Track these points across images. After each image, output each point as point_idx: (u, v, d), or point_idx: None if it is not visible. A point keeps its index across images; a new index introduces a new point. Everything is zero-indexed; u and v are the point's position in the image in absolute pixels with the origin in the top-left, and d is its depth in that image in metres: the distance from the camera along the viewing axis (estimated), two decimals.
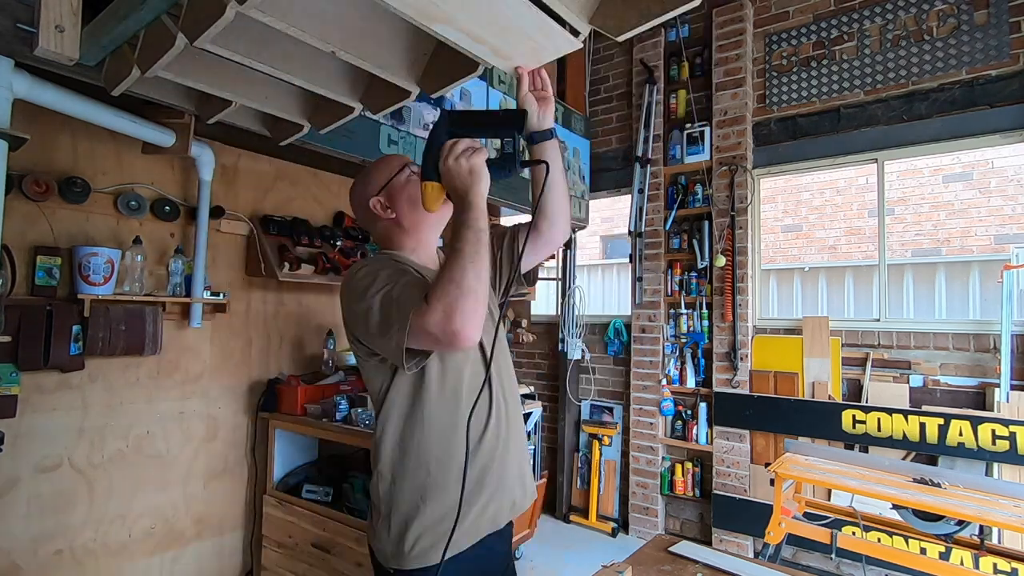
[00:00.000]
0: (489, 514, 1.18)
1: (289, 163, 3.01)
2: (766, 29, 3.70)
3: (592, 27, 1.12)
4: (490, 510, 1.18)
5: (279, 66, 1.30)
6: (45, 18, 1.30)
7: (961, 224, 5.93)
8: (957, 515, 1.93)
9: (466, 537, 1.14)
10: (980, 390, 2.95)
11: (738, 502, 3.48)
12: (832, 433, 3.18)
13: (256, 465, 2.85)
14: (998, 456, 2.75)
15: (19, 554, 2.09)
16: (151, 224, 2.49)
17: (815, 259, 6.61)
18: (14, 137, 1.63)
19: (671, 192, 3.95)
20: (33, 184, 2.09)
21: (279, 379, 2.86)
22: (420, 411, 1.15)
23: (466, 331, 0.96)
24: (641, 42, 4.12)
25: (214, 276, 2.67)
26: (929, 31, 3.16)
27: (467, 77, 1.29)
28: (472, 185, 1.05)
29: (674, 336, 3.90)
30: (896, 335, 3.22)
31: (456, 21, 1.07)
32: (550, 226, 1.29)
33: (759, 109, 3.71)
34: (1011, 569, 2.13)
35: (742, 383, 3.55)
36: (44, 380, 2.16)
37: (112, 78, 1.51)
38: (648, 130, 4.00)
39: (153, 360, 2.48)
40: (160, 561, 2.50)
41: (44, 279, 2.11)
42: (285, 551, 2.65)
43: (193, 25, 1.12)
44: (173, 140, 2.23)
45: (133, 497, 2.41)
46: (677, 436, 3.83)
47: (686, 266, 3.89)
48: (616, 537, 3.87)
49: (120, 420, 2.38)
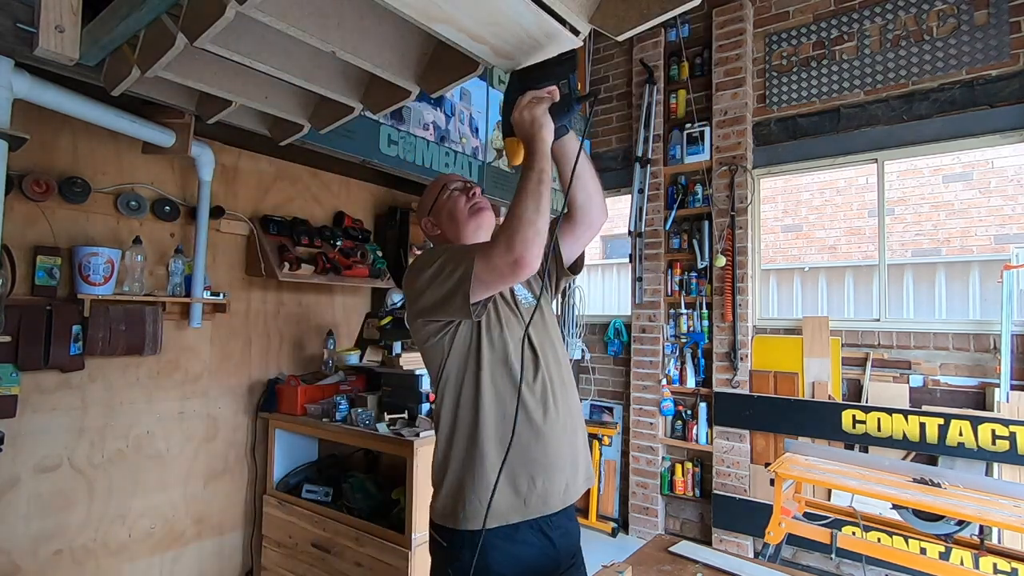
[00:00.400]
0: (538, 491, 1.21)
1: (289, 163, 3.01)
2: (766, 29, 3.70)
3: (592, 27, 1.12)
4: (538, 487, 1.21)
5: (279, 66, 1.30)
6: (45, 18, 1.30)
7: (961, 224, 5.92)
8: (957, 515, 1.93)
9: (515, 512, 1.20)
10: (980, 390, 2.95)
11: (738, 502, 3.48)
12: (832, 433, 3.18)
13: (256, 465, 2.85)
14: (998, 456, 2.75)
15: (19, 554, 2.09)
16: (151, 224, 2.49)
17: (815, 259, 6.60)
18: (14, 137, 1.63)
19: (671, 192, 3.95)
20: (33, 184, 2.09)
21: (279, 379, 2.86)
22: (470, 384, 1.24)
23: (526, 257, 1.04)
24: (641, 42, 4.12)
25: (214, 276, 2.67)
26: (929, 31, 3.16)
27: (467, 77, 1.29)
28: (536, 132, 1.12)
29: (674, 336, 3.90)
30: (896, 335, 3.21)
31: (457, 21, 1.07)
32: (585, 212, 1.34)
33: (759, 109, 3.71)
34: (1011, 569, 2.13)
35: (742, 383, 3.55)
36: (44, 380, 2.16)
37: (112, 78, 1.51)
38: (648, 130, 4.00)
39: (153, 360, 2.48)
40: (160, 561, 2.50)
41: (44, 279, 2.11)
42: (285, 551, 2.65)
43: (193, 25, 1.12)
44: (173, 140, 2.23)
45: (133, 497, 2.41)
46: (677, 436, 3.82)
47: (686, 266, 3.89)
48: (616, 537, 3.87)
49: (120, 420, 2.38)
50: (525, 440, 1.22)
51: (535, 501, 1.22)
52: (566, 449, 1.27)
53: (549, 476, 1.23)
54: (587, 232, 1.39)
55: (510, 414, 1.19)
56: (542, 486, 1.22)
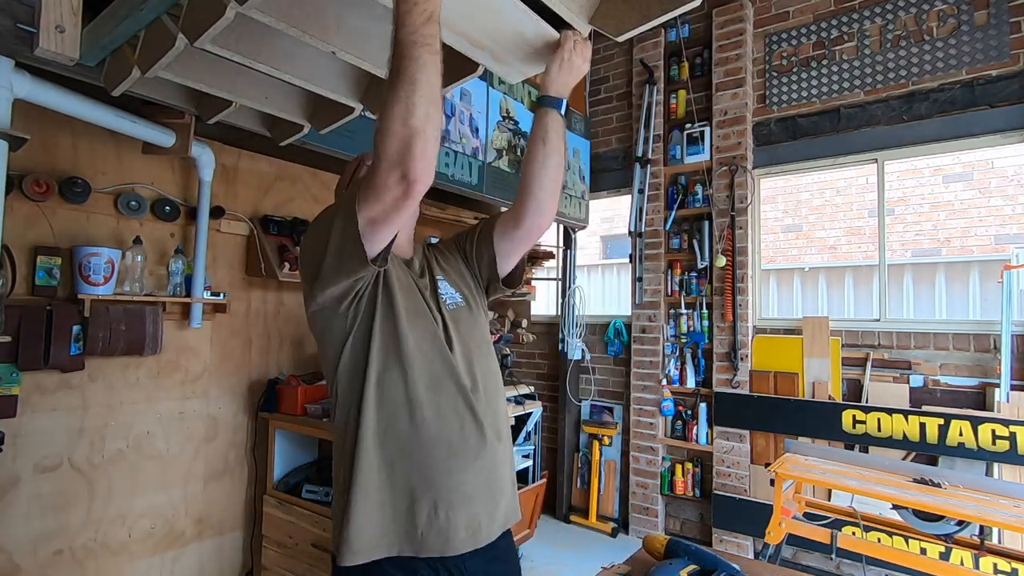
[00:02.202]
0: (439, 524, 1.04)
1: (289, 163, 3.01)
2: (766, 29, 3.70)
3: (592, 27, 1.12)
4: (440, 519, 1.04)
5: (279, 66, 1.30)
6: (45, 18, 1.31)
7: (961, 224, 5.92)
8: (957, 515, 1.93)
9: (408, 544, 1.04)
10: (980, 390, 2.95)
11: (738, 502, 3.47)
12: (832, 433, 3.18)
13: (256, 465, 2.85)
14: (998, 456, 2.75)
15: (19, 554, 2.09)
16: (151, 224, 2.49)
17: (815, 259, 6.60)
18: (14, 137, 1.63)
19: (671, 192, 3.95)
20: (33, 184, 2.09)
21: (279, 379, 2.86)
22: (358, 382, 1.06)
23: (410, 165, 0.85)
24: (641, 42, 4.12)
25: (214, 276, 2.68)
26: (929, 31, 3.16)
27: (467, 77, 1.29)
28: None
29: (674, 336, 3.90)
30: (896, 335, 3.21)
31: (456, 26, 1.07)
32: (534, 210, 1.19)
33: (759, 109, 3.71)
34: (1011, 569, 2.13)
35: (742, 383, 3.55)
36: (44, 380, 2.16)
37: (112, 78, 1.51)
38: (648, 130, 4.00)
39: (153, 360, 2.48)
40: (160, 561, 2.50)
41: (44, 279, 2.11)
42: (285, 551, 2.65)
43: (193, 25, 1.12)
44: (173, 140, 2.23)
45: (133, 497, 2.41)
46: (677, 436, 3.82)
47: (686, 266, 3.89)
48: (616, 537, 3.87)
49: (120, 420, 2.38)
50: (427, 457, 1.04)
51: (433, 538, 1.03)
52: (482, 476, 1.08)
53: (455, 508, 1.05)
54: (527, 233, 1.23)
55: (407, 423, 1.04)
56: (444, 519, 1.04)
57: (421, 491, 1.04)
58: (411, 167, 0.86)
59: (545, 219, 1.22)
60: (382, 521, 1.03)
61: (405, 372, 1.06)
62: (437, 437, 1.06)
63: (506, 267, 1.28)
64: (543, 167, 1.18)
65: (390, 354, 1.07)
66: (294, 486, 2.72)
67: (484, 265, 1.28)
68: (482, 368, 1.17)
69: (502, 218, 1.26)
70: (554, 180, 1.19)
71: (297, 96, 1.64)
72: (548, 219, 1.23)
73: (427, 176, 0.88)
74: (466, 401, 1.10)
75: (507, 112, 3.34)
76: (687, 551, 1.31)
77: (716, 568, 1.22)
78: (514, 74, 1.30)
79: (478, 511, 1.08)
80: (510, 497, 1.17)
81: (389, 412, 1.06)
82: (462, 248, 1.33)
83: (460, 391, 1.10)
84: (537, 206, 1.20)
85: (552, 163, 1.18)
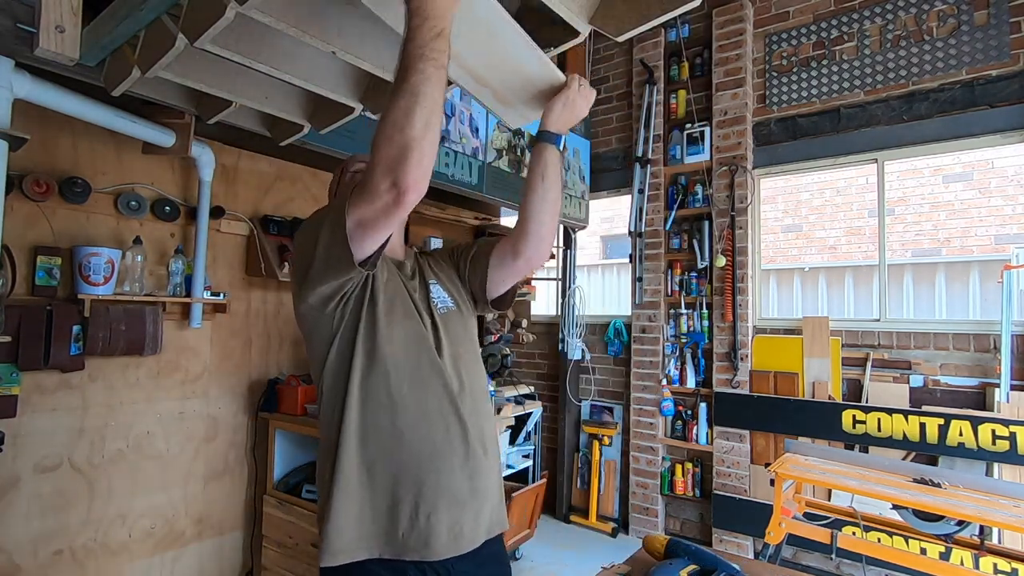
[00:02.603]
0: (420, 527, 1.03)
1: (289, 163, 3.01)
2: (766, 29, 3.70)
3: (592, 27, 1.12)
4: (421, 521, 1.03)
5: (279, 66, 1.30)
6: (45, 18, 1.31)
7: (961, 224, 5.92)
8: (957, 515, 1.93)
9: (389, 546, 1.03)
10: (980, 390, 2.95)
11: (738, 502, 3.47)
12: (832, 433, 3.18)
13: (256, 465, 2.85)
14: (998, 456, 2.75)
15: (19, 554, 2.09)
16: (151, 224, 2.49)
17: (815, 259, 6.60)
18: (14, 137, 1.63)
19: (671, 192, 3.95)
20: (33, 184, 2.09)
21: (279, 379, 2.86)
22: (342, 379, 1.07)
23: (403, 176, 0.86)
24: (641, 42, 4.12)
25: (214, 276, 2.68)
26: (929, 31, 3.16)
27: None
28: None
29: (674, 336, 3.90)
30: (896, 335, 3.21)
31: (464, 61, 1.08)
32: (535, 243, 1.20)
33: (759, 109, 3.71)
34: (1011, 569, 2.13)
35: (742, 383, 3.55)
36: (44, 380, 2.16)
37: (112, 78, 1.51)
38: (648, 130, 4.00)
39: (153, 360, 2.48)
40: (160, 561, 2.50)
41: (44, 279, 2.11)
42: (285, 551, 2.65)
43: (193, 25, 1.12)
44: (173, 140, 2.23)
45: (133, 497, 2.41)
46: (677, 436, 3.82)
47: (686, 266, 3.89)
48: (616, 537, 3.87)
49: (120, 420, 2.38)
50: (409, 457, 1.04)
51: (414, 540, 1.02)
52: (467, 479, 1.08)
53: (437, 510, 1.04)
54: (526, 263, 1.23)
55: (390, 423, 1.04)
56: (425, 521, 1.03)
57: (403, 492, 1.04)
58: (403, 176, 0.86)
59: (544, 251, 1.24)
60: (362, 521, 1.03)
61: (388, 372, 1.07)
62: (421, 438, 1.06)
63: (496, 291, 1.30)
64: (543, 201, 1.20)
65: (374, 354, 1.07)
66: (294, 486, 2.72)
67: (475, 286, 1.30)
68: (469, 371, 1.18)
69: (500, 245, 1.27)
70: (553, 215, 1.22)
71: (297, 96, 1.64)
72: (547, 251, 1.25)
73: (419, 187, 0.88)
74: (452, 403, 1.10)
75: None
76: (687, 551, 1.32)
77: (716, 568, 1.23)
78: (516, 117, 1.31)
79: (461, 515, 1.07)
80: (496, 504, 1.17)
81: (372, 411, 1.06)
82: (456, 263, 1.34)
83: (447, 392, 1.11)
84: (538, 240, 1.22)
85: (551, 197, 1.20)
